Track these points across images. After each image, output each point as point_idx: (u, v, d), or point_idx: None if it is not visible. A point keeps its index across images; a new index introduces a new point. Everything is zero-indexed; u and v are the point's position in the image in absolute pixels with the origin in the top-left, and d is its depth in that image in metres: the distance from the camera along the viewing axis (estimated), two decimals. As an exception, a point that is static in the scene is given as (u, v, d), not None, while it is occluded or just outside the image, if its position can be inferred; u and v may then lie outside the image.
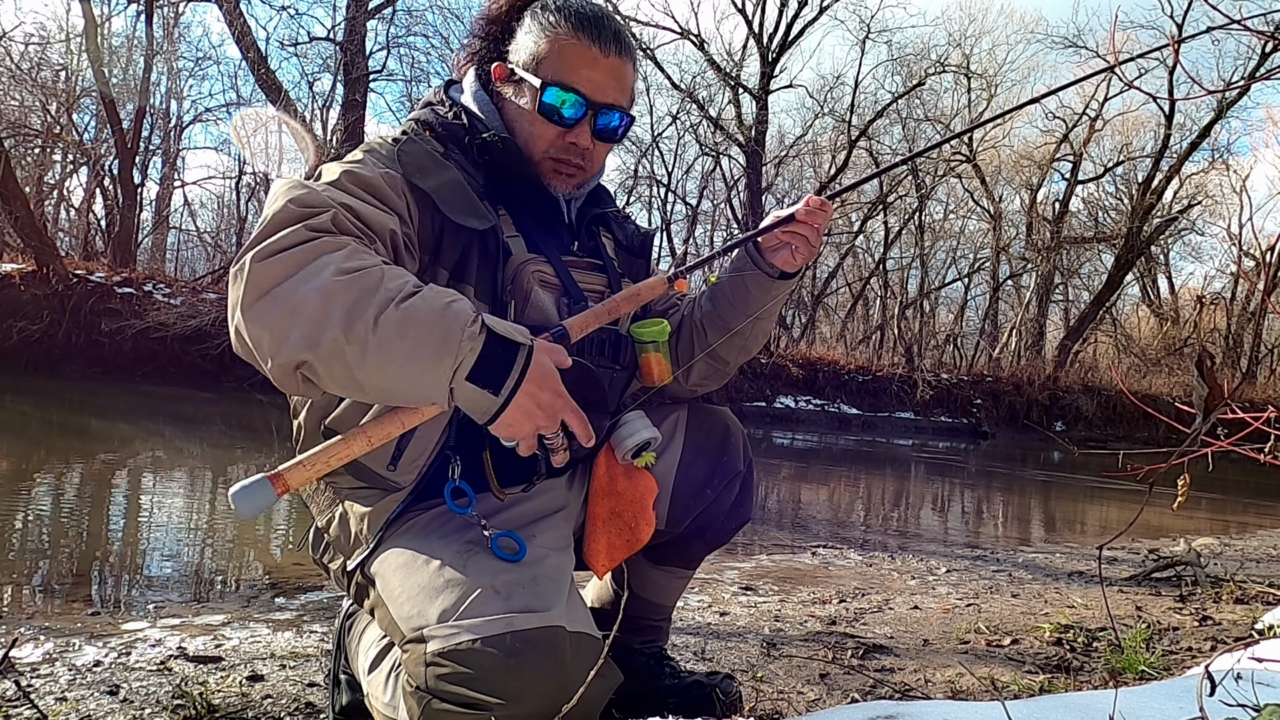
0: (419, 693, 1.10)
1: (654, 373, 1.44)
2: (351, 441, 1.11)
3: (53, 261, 12.88)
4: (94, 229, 18.74)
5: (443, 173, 1.26)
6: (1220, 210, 24.53)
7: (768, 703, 1.81)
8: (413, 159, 1.25)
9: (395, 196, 1.20)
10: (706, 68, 20.82)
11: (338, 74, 16.89)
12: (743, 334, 1.53)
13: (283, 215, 1.05)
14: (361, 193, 1.17)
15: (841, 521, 5.73)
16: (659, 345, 1.44)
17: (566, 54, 1.34)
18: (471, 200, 1.26)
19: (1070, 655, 2.29)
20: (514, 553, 1.22)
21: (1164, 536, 5.39)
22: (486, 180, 1.34)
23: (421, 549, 1.24)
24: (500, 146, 1.34)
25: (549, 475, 1.40)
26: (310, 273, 1.01)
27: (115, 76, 16.78)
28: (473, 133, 1.35)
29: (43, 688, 1.71)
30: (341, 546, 1.36)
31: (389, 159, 1.25)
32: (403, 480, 1.28)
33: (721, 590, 3.11)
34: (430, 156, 1.27)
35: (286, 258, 1.02)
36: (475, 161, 1.34)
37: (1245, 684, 1.19)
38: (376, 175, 1.20)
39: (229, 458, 6.54)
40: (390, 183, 1.21)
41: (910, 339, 22.13)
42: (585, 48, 1.34)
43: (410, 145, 1.27)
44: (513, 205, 1.37)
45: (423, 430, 1.23)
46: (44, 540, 3.42)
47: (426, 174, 1.24)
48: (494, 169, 1.35)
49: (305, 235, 1.04)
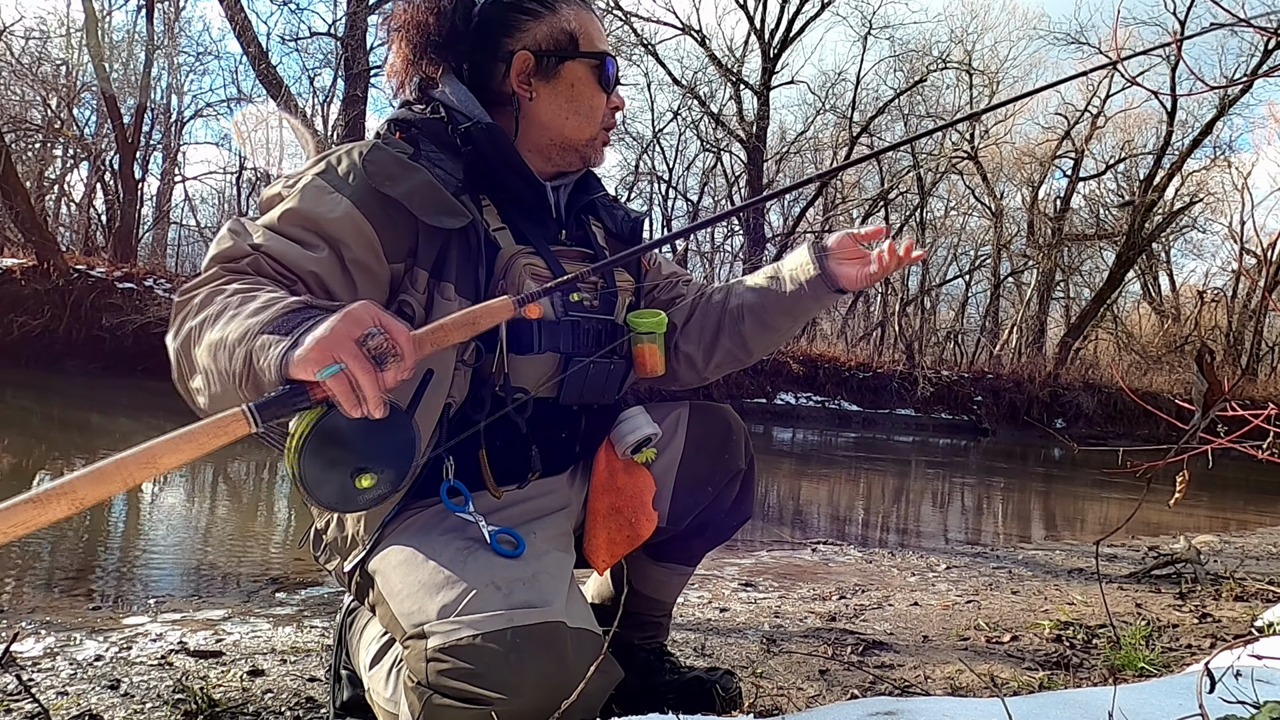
0: (420, 688, 1.11)
1: (647, 364, 1.44)
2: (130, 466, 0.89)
3: (53, 256, 12.87)
4: (95, 224, 18.73)
5: (411, 175, 1.24)
6: (1222, 207, 24.53)
7: (767, 699, 1.81)
8: (379, 167, 1.24)
9: (338, 225, 1.19)
10: (708, 63, 20.79)
11: (339, 69, 16.87)
12: (779, 331, 1.51)
13: (206, 264, 1.16)
14: (294, 231, 1.19)
15: (842, 518, 5.74)
16: (655, 337, 1.42)
17: (585, 23, 1.36)
18: (443, 199, 1.24)
19: (1070, 652, 2.29)
20: (513, 549, 1.22)
21: (1164, 534, 5.39)
22: (468, 173, 1.32)
23: (422, 546, 1.24)
24: (484, 134, 1.31)
25: (545, 474, 1.40)
26: (195, 310, 1.10)
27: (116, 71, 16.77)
28: (453, 124, 1.32)
29: (44, 682, 1.71)
30: (339, 548, 1.36)
31: (345, 176, 1.23)
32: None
33: (721, 586, 3.12)
34: (397, 161, 1.25)
35: (191, 296, 1.11)
36: (455, 156, 1.32)
37: (1245, 681, 1.19)
38: (317, 211, 1.20)
39: (230, 453, 6.54)
40: (332, 210, 1.20)
41: (911, 336, 22.11)
42: (590, 13, 1.37)
43: (376, 154, 1.25)
44: (498, 196, 1.35)
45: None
46: (45, 535, 3.42)
47: (395, 180, 1.23)
48: (476, 159, 1.32)
49: (219, 273, 1.13)
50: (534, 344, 1.32)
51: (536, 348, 1.32)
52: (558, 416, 1.39)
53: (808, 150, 23.95)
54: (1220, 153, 22.52)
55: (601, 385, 1.41)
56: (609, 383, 1.43)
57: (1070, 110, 23.00)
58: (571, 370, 1.35)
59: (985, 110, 1.67)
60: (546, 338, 1.33)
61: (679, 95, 22.02)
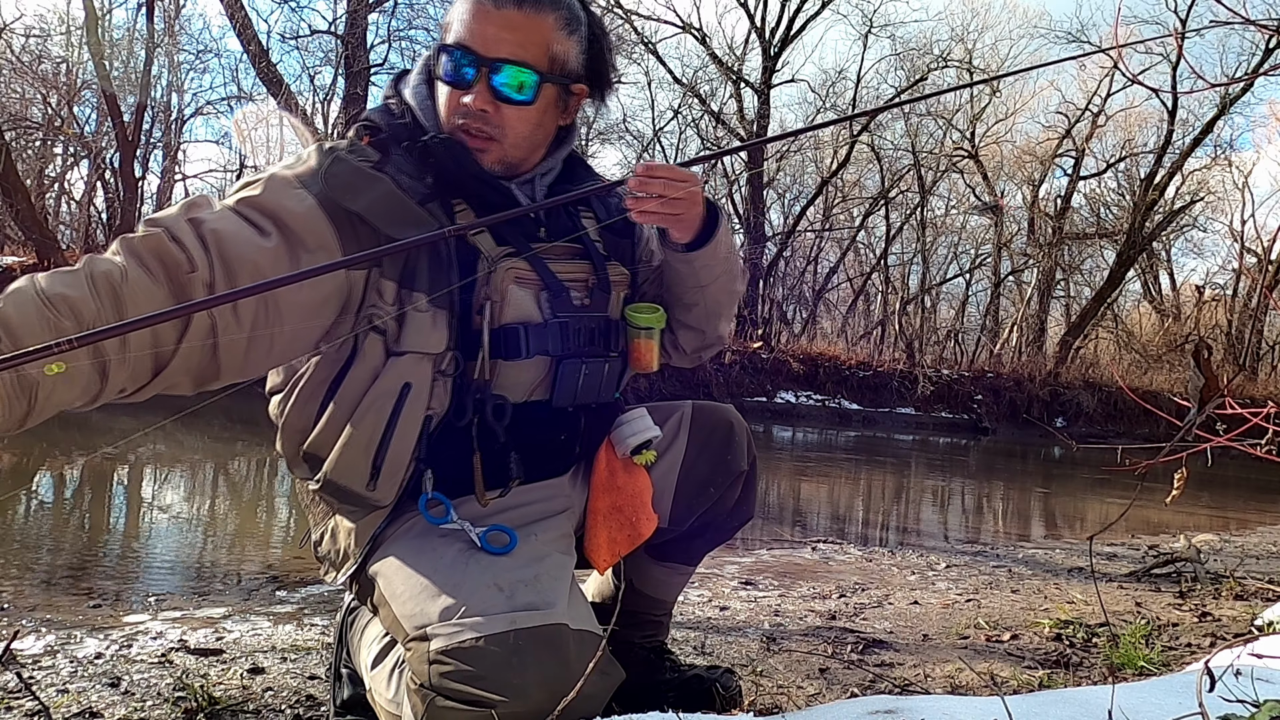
0: (423, 690, 1.11)
1: (643, 359, 1.42)
2: None
3: (54, 254, 12.86)
4: (95, 222, 18.71)
5: (372, 188, 1.21)
6: (1222, 206, 24.49)
7: (767, 697, 1.81)
8: (339, 179, 1.21)
9: (299, 220, 1.18)
10: (708, 62, 20.78)
11: (339, 67, 16.84)
12: (698, 304, 1.47)
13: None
14: (252, 214, 1.17)
15: (842, 517, 5.74)
16: (653, 333, 1.40)
17: (462, 13, 1.28)
18: (406, 210, 1.22)
19: (1070, 651, 2.29)
20: (504, 545, 1.22)
21: (1164, 533, 5.39)
22: (439, 179, 1.28)
23: (423, 548, 1.24)
24: (440, 147, 1.28)
25: (540, 477, 1.39)
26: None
27: (116, 69, 16.74)
28: (414, 135, 1.29)
29: (44, 680, 1.71)
30: (333, 560, 1.36)
31: (313, 175, 1.21)
32: (384, 498, 1.28)
33: (722, 585, 3.12)
34: (358, 173, 1.22)
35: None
36: (425, 160, 1.28)
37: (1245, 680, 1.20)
38: (280, 202, 1.18)
39: (230, 451, 6.55)
40: (296, 204, 1.18)
41: (911, 334, 22.10)
42: (478, 3, 1.27)
43: (336, 165, 1.22)
44: (472, 201, 1.31)
45: (397, 448, 1.24)
46: (46, 533, 3.42)
47: (356, 193, 1.20)
48: (442, 169, 1.29)
49: (123, 241, 1.11)
50: (521, 349, 1.29)
51: (525, 352, 1.29)
52: (553, 419, 1.37)
53: (808, 149, 23.93)
54: (1221, 151, 22.48)
55: (598, 384, 1.39)
56: (606, 381, 1.41)
57: (1071, 109, 22.99)
58: (563, 373, 1.33)
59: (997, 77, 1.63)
60: (534, 341, 1.30)
61: (679, 94, 22.02)
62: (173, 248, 1.10)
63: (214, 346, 1.12)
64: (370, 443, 1.24)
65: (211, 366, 1.14)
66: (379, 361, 1.25)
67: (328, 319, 1.23)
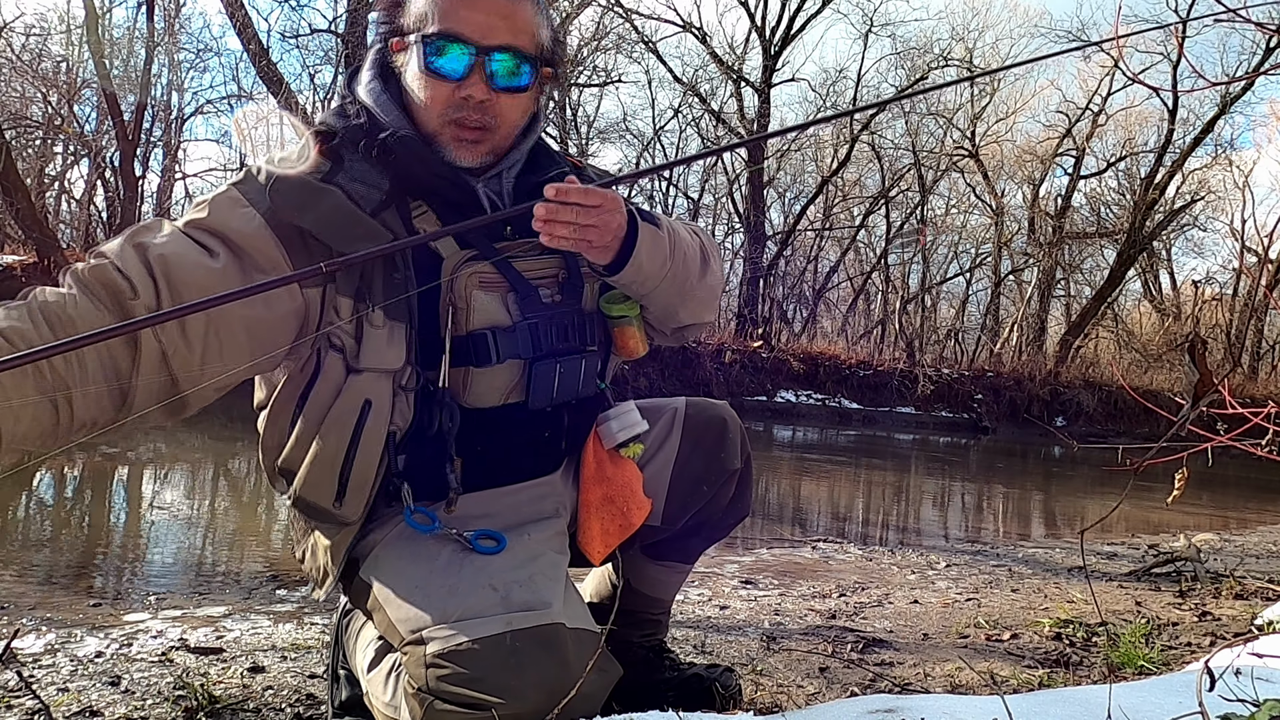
0: (421, 694, 1.10)
1: (628, 346, 1.41)
2: None
3: (54, 253, 12.84)
4: (95, 221, 18.71)
5: (320, 201, 1.18)
6: (1223, 205, 24.48)
7: (767, 696, 1.81)
8: (285, 196, 1.18)
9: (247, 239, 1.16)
10: (708, 61, 20.76)
11: (339, 66, 16.85)
12: (647, 306, 1.40)
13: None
14: (200, 235, 1.16)
15: (842, 516, 5.74)
16: (630, 319, 1.39)
17: (445, 1, 1.22)
18: (357, 222, 1.18)
19: (1069, 650, 2.29)
20: (494, 546, 1.22)
21: (1164, 532, 5.39)
22: (396, 181, 1.24)
23: (416, 552, 1.24)
24: (399, 145, 1.23)
25: (533, 476, 1.38)
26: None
27: (116, 68, 16.73)
28: (371, 135, 1.24)
29: (45, 678, 1.71)
30: (315, 577, 1.37)
31: (261, 191, 1.19)
32: (350, 515, 1.27)
33: (721, 584, 3.12)
34: (304, 187, 1.18)
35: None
36: (382, 162, 1.23)
37: (1245, 679, 1.19)
38: (228, 222, 1.17)
39: (230, 450, 6.54)
40: (244, 224, 1.17)
41: (911, 334, 22.11)
42: None
43: (281, 183, 1.18)
44: (433, 200, 1.27)
45: (361, 464, 1.23)
46: (46, 532, 3.43)
47: (303, 208, 1.17)
48: (401, 167, 1.24)
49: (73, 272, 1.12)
50: (491, 355, 1.26)
51: (494, 358, 1.26)
52: (531, 419, 1.35)
53: (808, 148, 23.92)
54: (1222, 150, 22.48)
55: (577, 381, 1.36)
56: (586, 376, 1.38)
57: (1071, 108, 22.98)
58: (537, 374, 1.30)
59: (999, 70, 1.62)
60: (504, 346, 1.27)
61: (680, 93, 22.02)
62: (115, 276, 1.10)
63: (168, 370, 1.11)
64: (335, 460, 1.24)
65: (174, 392, 1.12)
66: (340, 379, 1.23)
67: (287, 339, 1.21)
